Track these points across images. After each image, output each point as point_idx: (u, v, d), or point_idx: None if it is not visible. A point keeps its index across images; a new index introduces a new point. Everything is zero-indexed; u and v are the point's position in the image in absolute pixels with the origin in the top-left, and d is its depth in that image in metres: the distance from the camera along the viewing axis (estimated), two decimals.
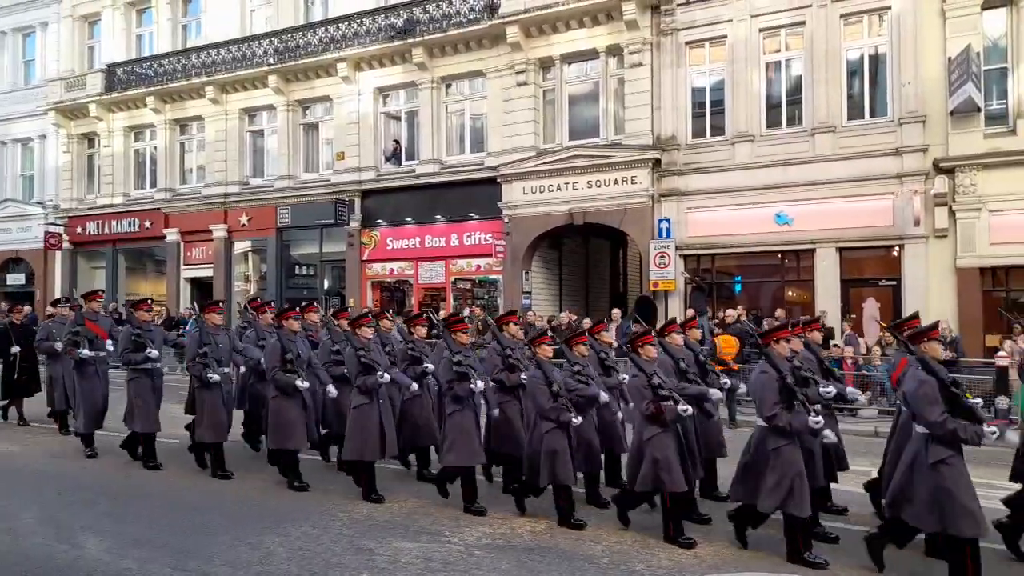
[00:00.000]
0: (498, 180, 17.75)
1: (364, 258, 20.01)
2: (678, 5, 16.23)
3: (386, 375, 6.97)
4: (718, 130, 16.11)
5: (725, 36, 15.90)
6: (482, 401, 6.97)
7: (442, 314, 16.11)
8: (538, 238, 17.75)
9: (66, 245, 24.76)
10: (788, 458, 5.34)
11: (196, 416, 8.13)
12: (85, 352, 8.99)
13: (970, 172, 13.73)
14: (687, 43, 16.32)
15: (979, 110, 13.63)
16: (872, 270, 15.42)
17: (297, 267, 22.00)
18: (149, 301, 9.38)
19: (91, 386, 9.07)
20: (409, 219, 19.34)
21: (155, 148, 23.74)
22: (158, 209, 22.98)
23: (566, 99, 17.83)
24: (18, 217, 25.82)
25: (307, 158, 21.47)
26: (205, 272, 22.62)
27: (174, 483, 7.72)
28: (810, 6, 15.07)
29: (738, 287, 16.67)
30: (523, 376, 6.86)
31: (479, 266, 18.75)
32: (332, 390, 7.52)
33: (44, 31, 25.82)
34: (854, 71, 15.24)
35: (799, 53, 15.45)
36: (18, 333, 11.28)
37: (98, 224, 24.11)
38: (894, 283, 14.64)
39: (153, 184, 23.72)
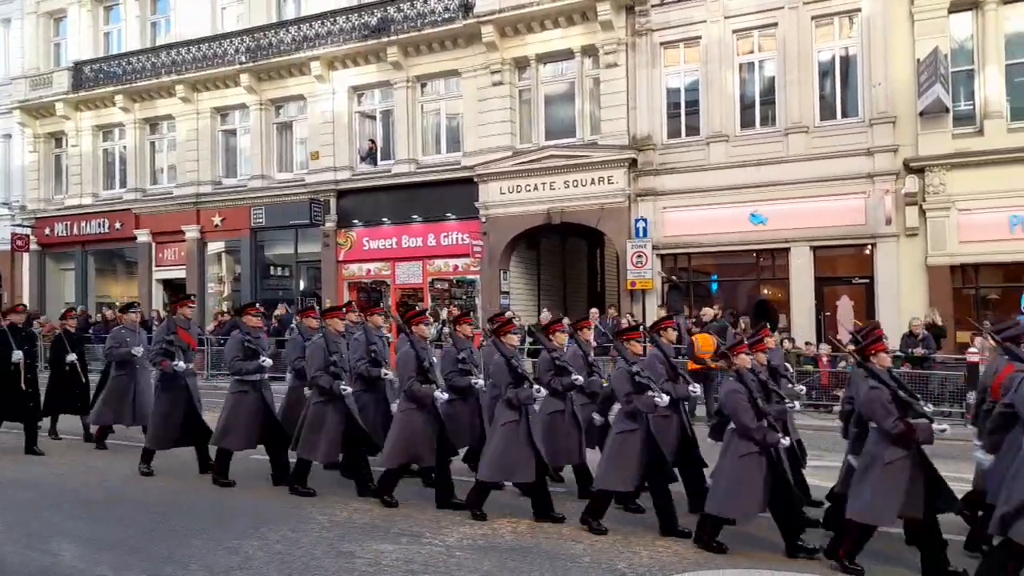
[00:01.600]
0: (475, 180, 17.72)
1: (340, 259, 19.84)
2: (652, 6, 16.33)
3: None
4: (693, 130, 16.24)
5: (699, 37, 16.04)
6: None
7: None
8: (516, 238, 17.75)
9: (34, 247, 24.21)
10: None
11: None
12: (181, 364, 7.99)
13: (939, 172, 14.00)
14: (662, 44, 16.43)
15: (947, 111, 13.90)
16: (845, 268, 15.66)
17: (272, 268, 21.76)
18: (257, 305, 8.61)
19: (174, 401, 8.05)
20: (385, 219, 19.22)
21: (124, 148, 23.33)
22: (128, 210, 22.56)
23: (542, 99, 17.84)
24: None
25: (281, 158, 21.24)
26: (178, 273, 22.27)
27: (149, 488, 7.58)
28: (782, 8, 15.25)
29: (714, 286, 16.83)
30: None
31: (457, 266, 18.69)
32: (442, 395, 6.68)
33: (7, 27, 25.24)
34: (826, 72, 15.46)
35: (772, 54, 15.63)
36: (73, 341, 10.12)
37: (66, 225, 23.61)
38: (867, 281, 14.88)
39: (123, 184, 23.30)
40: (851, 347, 6.72)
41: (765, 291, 16.29)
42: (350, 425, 7.08)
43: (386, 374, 7.43)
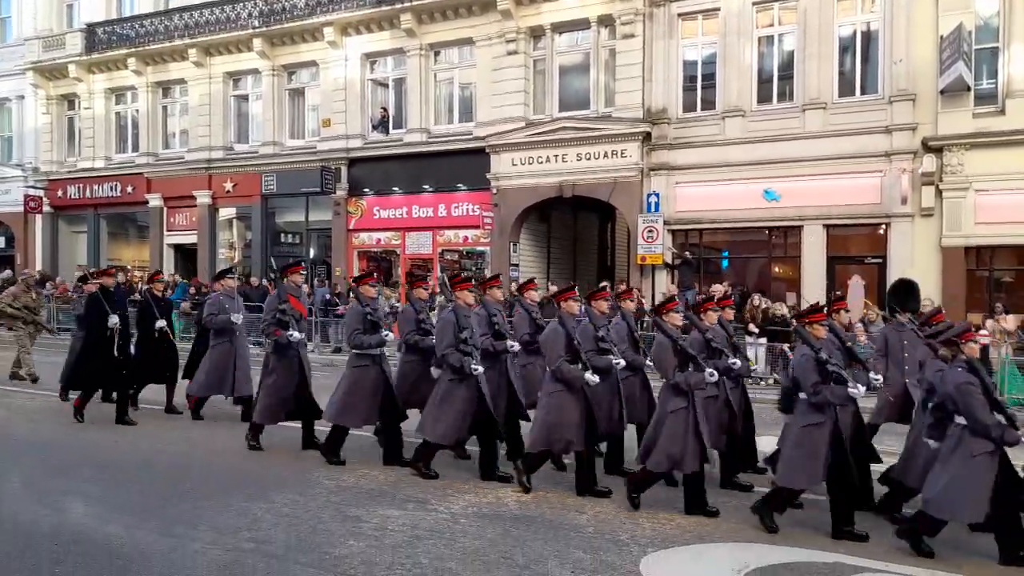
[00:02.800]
0: (487, 151, 17.61)
1: (351, 227, 19.85)
2: None
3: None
4: (709, 104, 16.03)
5: (718, 9, 15.75)
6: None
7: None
8: (526, 210, 17.68)
9: (47, 209, 24.35)
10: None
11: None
12: (296, 335, 7.53)
13: (958, 151, 13.79)
14: (680, 15, 16.15)
15: (969, 89, 13.64)
16: (858, 248, 15.53)
17: (282, 235, 21.81)
18: (374, 275, 8.20)
19: (288, 372, 7.58)
20: (396, 188, 19.18)
21: (137, 111, 23.29)
22: (140, 174, 22.60)
23: (556, 69, 17.63)
24: None
25: (293, 124, 21.16)
26: (189, 239, 22.36)
27: (160, 450, 7.69)
28: None
29: (725, 262, 16.74)
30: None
31: (467, 237, 18.66)
32: (593, 378, 6.15)
33: None
34: (846, 47, 15.18)
35: (792, 28, 15.35)
36: (161, 306, 9.63)
37: (79, 188, 23.70)
38: (880, 261, 14.75)
39: (135, 148, 23.31)
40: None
41: (776, 269, 16.20)
42: (480, 406, 6.59)
43: (513, 346, 7.05)
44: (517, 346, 7.11)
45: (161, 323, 9.39)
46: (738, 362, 6.48)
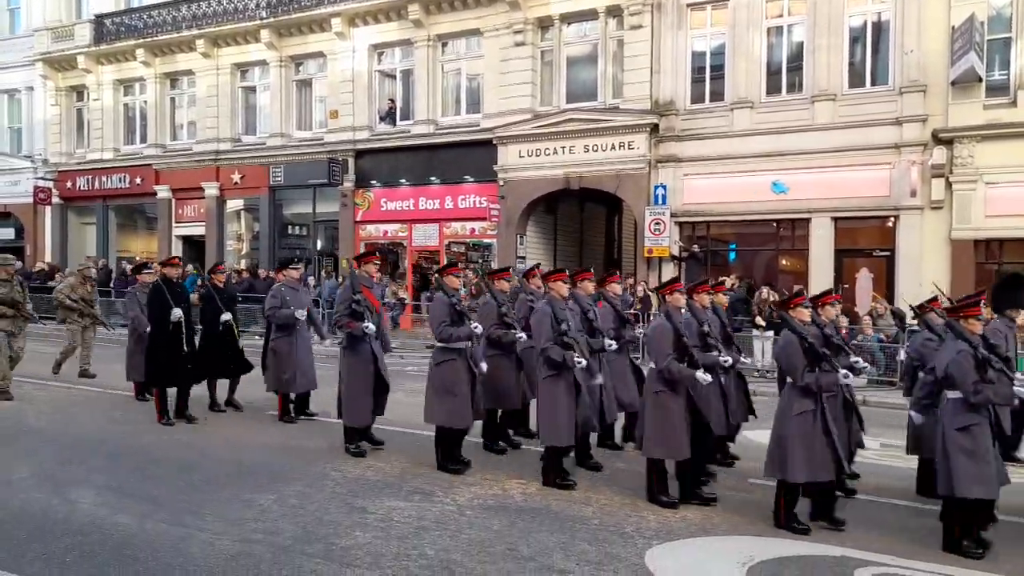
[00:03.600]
0: (494, 142, 17.59)
1: (358, 219, 19.88)
2: None
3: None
4: (717, 96, 15.95)
5: None
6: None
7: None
8: (533, 202, 17.65)
9: (56, 200, 24.49)
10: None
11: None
12: (371, 327, 7.05)
13: (968, 143, 13.68)
14: (688, 5, 16.06)
15: (980, 80, 13.53)
16: (866, 240, 15.45)
17: (290, 227, 21.86)
18: (457, 264, 7.77)
19: (366, 368, 7.15)
20: (403, 180, 19.18)
21: (145, 102, 23.35)
22: (149, 165, 22.69)
23: (564, 61, 17.57)
24: (6, 171, 25.46)
25: (300, 116, 21.18)
26: (197, 230, 22.45)
27: (169, 441, 7.75)
28: None
29: (732, 255, 16.68)
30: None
31: (473, 229, 18.66)
32: (705, 378, 5.85)
33: None
34: (856, 38, 15.06)
35: (802, 18, 15.23)
36: (224, 298, 9.20)
37: (88, 179, 23.81)
38: (888, 254, 14.68)
39: (143, 139, 23.38)
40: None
41: (784, 261, 16.13)
42: (582, 404, 6.22)
43: (611, 345, 6.82)
44: (614, 344, 6.86)
45: (227, 316, 9.00)
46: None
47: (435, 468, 6.76)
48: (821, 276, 14.83)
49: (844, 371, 5.36)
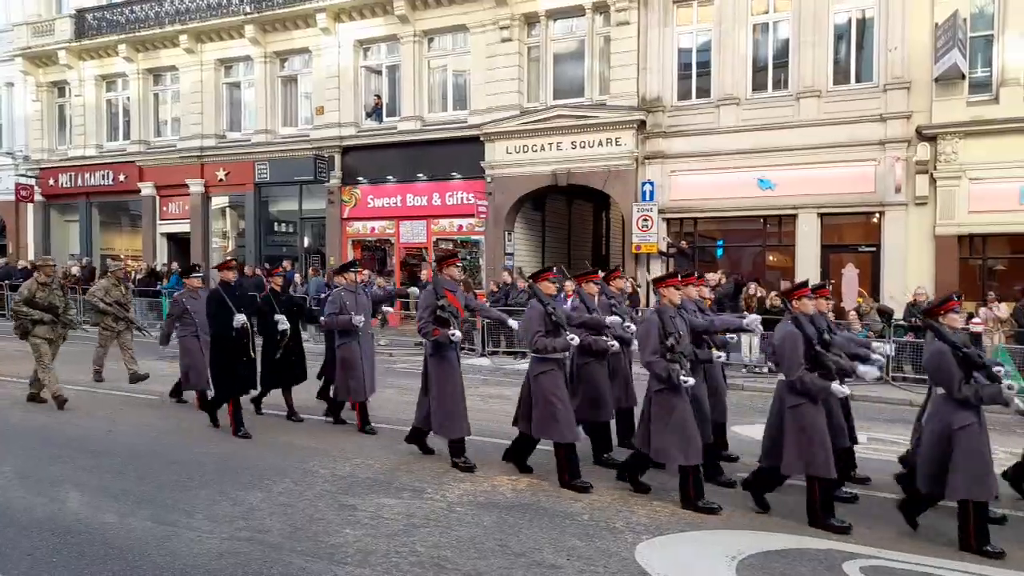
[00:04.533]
0: (481, 139, 17.55)
1: (344, 216, 19.78)
2: None
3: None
4: (704, 92, 16.00)
5: None
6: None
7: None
8: (521, 199, 17.64)
9: (38, 198, 24.19)
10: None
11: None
12: (458, 334, 6.71)
13: (952, 140, 13.81)
14: (674, 2, 16.11)
15: (963, 77, 13.65)
16: (852, 236, 15.56)
17: (276, 224, 21.72)
18: (554, 270, 6.98)
19: (456, 377, 6.80)
20: (390, 177, 19.10)
21: (128, 98, 23.10)
22: (132, 162, 22.46)
23: (551, 57, 17.55)
24: None
25: (285, 112, 21.03)
26: (182, 228, 22.26)
27: (155, 439, 7.68)
28: None
29: (720, 251, 16.76)
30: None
31: (461, 226, 18.62)
32: (843, 390, 5.54)
33: None
34: (841, 35, 15.15)
35: (787, 15, 15.30)
36: (282, 302, 8.74)
37: (71, 176, 23.53)
38: (873, 249, 14.80)
39: (127, 136, 23.14)
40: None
41: (771, 257, 16.24)
42: (693, 420, 5.78)
43: (719, 356, 6.52)
44: (723, 356, 6.62)
45: (284, 323, 8.46)
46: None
47: (430, 465, 6.75)
48: (807, 272, 14.89)
49: (1007, 384, 4.97)
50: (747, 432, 8.13)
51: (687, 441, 5.62)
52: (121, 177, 22.61)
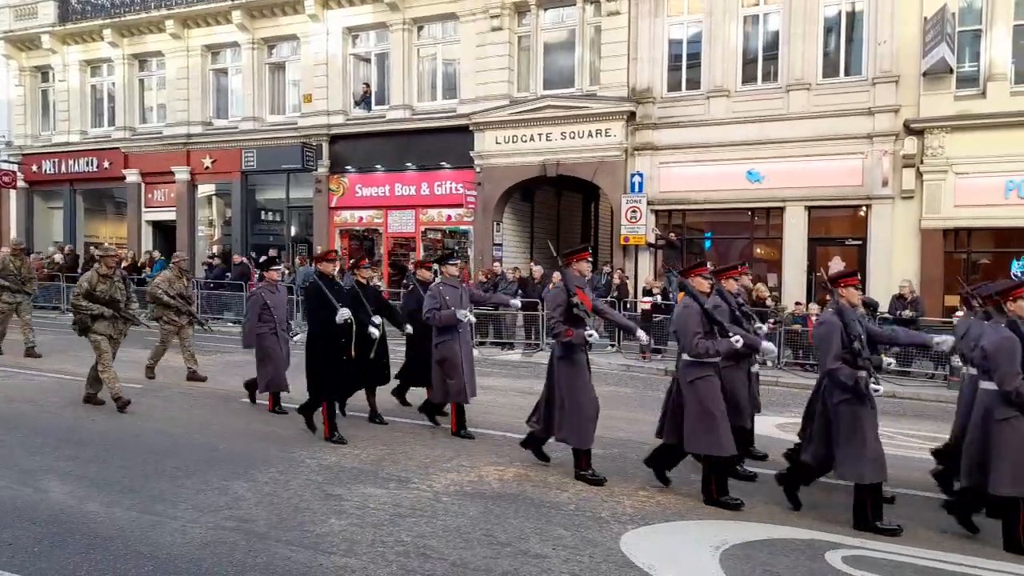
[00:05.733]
0: (470, 128, 17.48)
1: (332, 205, 19.67)
2: None
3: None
4: (694, 84, 16.00)
5: None
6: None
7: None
8: (510, 189, 17.61)
9: (21, 184, 23.89)
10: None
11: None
12: (595, 335, 6.18)
13: (939, 134, 13.89)
14: None
15: (951, 72, 13.72)
16: (839, 229, 15.65)
17: (263, 212, 21.57)
18: (708, 265, 6.50)
19: (587, 381, 6.26)
20: (379, 166, 19.00)
21: (113, 84, 22.83)
22: (117, 149, 22.21)
23: (541, 47, 17.49)
24: None
25: (273, 100, 20.85)
26: (167, 216, 22.06)
27: (140, 429, 7.63)
28: None
29: (708, 243, 16.81)
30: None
31: (450, 216, 18.57)
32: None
33: None
34: (831, 28, 15.18)
35: (777, 7, 15.31)
36: (370, 295, 8.05)
37: (54, 163, 23.25)
38: (860, 243, 14.89)
39: (111, 122, 22.88)
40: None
41: (758, 250, 16.31)
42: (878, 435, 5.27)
43: (889, 363, 5.81)
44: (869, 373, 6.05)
45: (376, 321, 7.76)
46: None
47: (416, 455, 6.75)
48: (795, 264, 15.03)
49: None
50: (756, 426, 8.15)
51: (876, 458, 5.15)
52: (106, 164, 22.36)
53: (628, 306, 14.53)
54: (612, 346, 14.30)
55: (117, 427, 7.65)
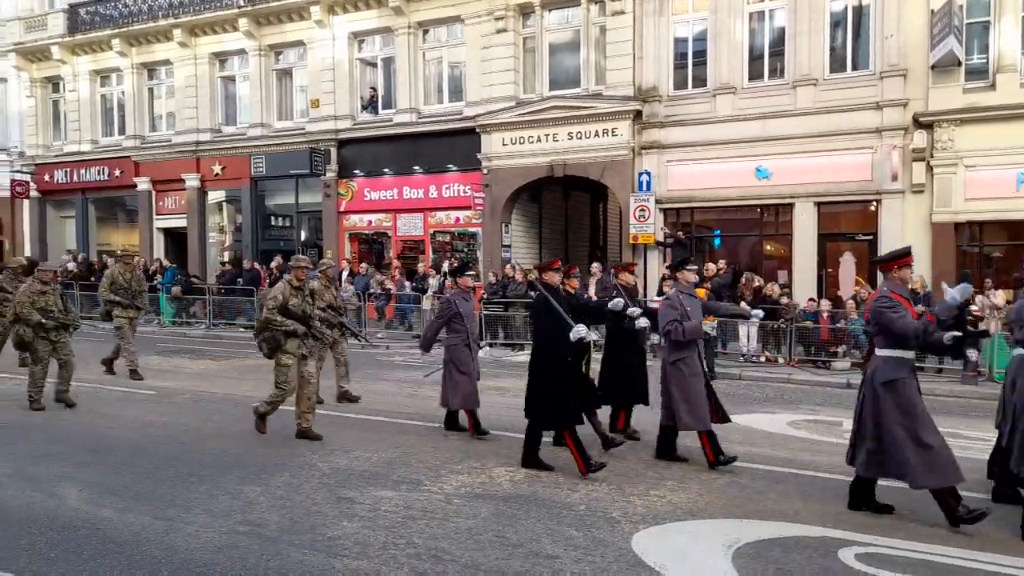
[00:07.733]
0: (477, 130, 17.51)
1: (341, 209, 19.75)
2: None
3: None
4: (700, 82, 15.95)
5: None
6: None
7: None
8: (518, 190, 17.62)
9: (34, 193, 24.13)
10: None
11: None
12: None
13: (948, 127, 13.79)
14: None
15: (960, 64, 13.61)
16: (849, 224, 15.56)
17: (273, 218, 21.70)
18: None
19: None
20: (387, 170, 19.06)
21: (122, 93, 23.03)
22: (128, 157, 22.40)
23: (546, 47, 17.50)
24: None
25: (281, 105, 20.97)
26: (178, 223, 22.23)
27: (153, 435, 7.69)
28: None
29: (717, 241, 16.75)
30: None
31: (458, 218, 18.60)
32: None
33: None
34: (837, 23, 15.10)
35: (783, 3, 15.25)
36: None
37: (66, 172, 23.47)
38: (870, 237, 14.79)
39: (122, 131, 23.08)
40: None
41: (768, 247, 16.25)
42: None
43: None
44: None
45: (592, 336, 7.11)
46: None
47: (427, 458, 6.77)
48: (805, 261, 14.96)
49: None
50: (746, 422, 8.15)
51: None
52: (116, 172, 22.56)
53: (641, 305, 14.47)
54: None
55: (130, 433, 7.70)
